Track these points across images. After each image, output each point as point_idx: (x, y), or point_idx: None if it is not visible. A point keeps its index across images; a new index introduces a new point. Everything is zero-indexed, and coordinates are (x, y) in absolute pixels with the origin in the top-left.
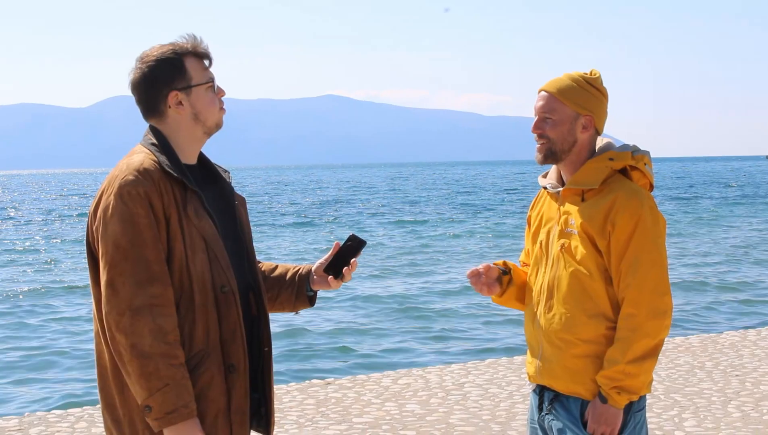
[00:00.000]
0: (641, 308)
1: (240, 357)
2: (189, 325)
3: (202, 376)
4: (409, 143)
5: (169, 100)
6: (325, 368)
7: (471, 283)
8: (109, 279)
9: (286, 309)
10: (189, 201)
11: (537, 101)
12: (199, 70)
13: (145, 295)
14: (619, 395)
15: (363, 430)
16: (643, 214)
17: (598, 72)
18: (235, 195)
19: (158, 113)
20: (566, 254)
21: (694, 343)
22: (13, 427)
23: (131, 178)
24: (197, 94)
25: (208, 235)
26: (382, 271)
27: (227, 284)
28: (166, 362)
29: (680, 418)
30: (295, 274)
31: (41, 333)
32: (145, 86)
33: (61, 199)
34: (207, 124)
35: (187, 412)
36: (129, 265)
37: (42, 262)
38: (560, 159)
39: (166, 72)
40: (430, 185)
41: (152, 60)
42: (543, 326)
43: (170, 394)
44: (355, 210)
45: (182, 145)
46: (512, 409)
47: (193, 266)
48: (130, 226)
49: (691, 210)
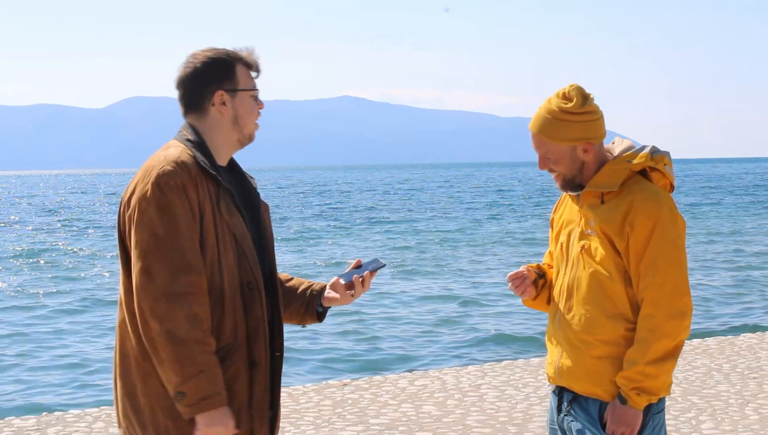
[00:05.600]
0: (660, 309)
1: (262, 354)
2: (218, 318)
3: (229, 368)
4: (427, 144)
5: (214, 98)
6: (341, 369)
7: (513, 285)
8: (145, 266)
9: (293, 320)
10: (222, 197)
11: (531, 140)
12: (246, 77)
13: (180, 283)
14: (639, 396)
15: (379, 432)
16: (662, 215)
17: (575, 93)
18: (261, 201)
19: (201, 110)
20: (586, 255)
21: (711, 345)
22: (31, 426)
23: (169, 168)
24: (241, 99)
25: (239, 232)
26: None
27: (254, 281)
28: (201, 349)
29: (697, 420)
30: (307, 289)
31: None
32: (193, 81)
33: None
34: (244, 131)
35: (220, 399)
36: (165, 252)
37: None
38: (578, 181)
39: (217, 70)
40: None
41: (206, 58)
42: (563, 327)
43: (204, 380)
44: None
45: (217, 146)
46: (529, 411)
47: (225, 260)
48: (168, 214)
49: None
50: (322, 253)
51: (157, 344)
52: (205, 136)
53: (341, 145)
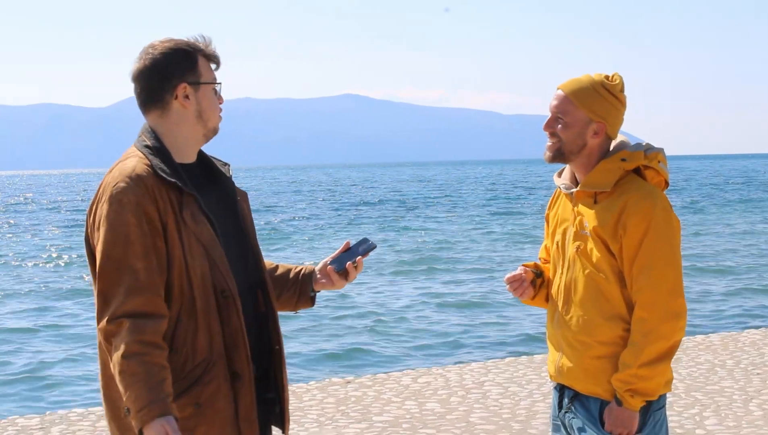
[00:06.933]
0: (654, 312)
1: (244, 364)
2: (191, 333)
3: (208, 385)
4: (430, 142)
5: (177, 91)
6: (344, 366)
7: (511, 287)
8: (101, 290)
9: (286, 308)
10: (185, 205)
11: (552, 99)
12: (207, 69)
13: (132, 304)
14: (633, 398)
15: (383, 429)
16: (655, 215)
17: (620, 77)
18: (237, 190)
19: (162, 104)
20: (582, 257)
21: (714, 342)
22: (35, 425)
23: (123, 185)
24: (204, 92)
25: (207, 240)
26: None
27: (228, 289)
28: (138, 359)
29: (701, 416)
30: (298, 274)
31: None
32: (154, 73)
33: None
34: (208, 125)
35: (160, 407)
36: (118, 275)
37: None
38: (568, 160)
39: (180, 62)
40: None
41: (166, 49)
42: (561, 327)
43: (140, 390)
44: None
45: (180, 143)
46: (532, 408)
47: (194, 271)
48: (120, 235)
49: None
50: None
51: (114, 367)
52: (166, 134)
53: (344, 144)
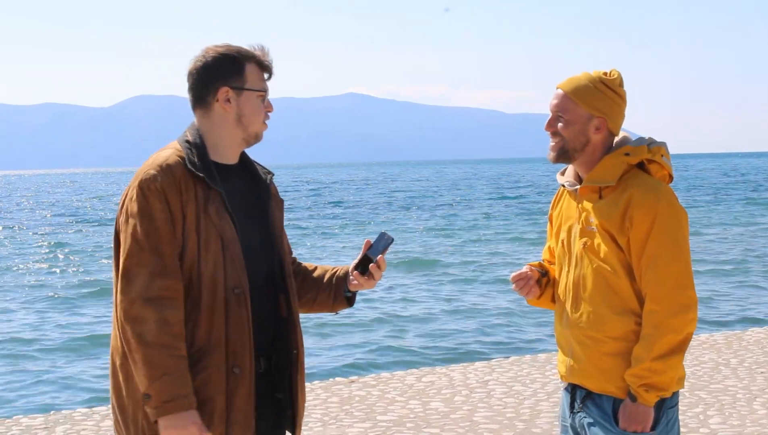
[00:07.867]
0: (663, 304)
1: (246, 360)
2: (192, 322)
3: (201, 372)
4: (433, 141)
5: (218, 94)
6: (348, 365)
7: (517, 286)
8: (125, 269)
9: (324, 310)
10: (211, 200)
11: (552, 99)
12: (256, 77)
13: (156, 287)
14: (648, 393)
15: (387, 428)
16: (660, 208)
17: (618, 73)
18: (273, 197)
19: (205, 104)
20: (589, 252)
21: (718, 340)
22: (39, 425)
23: (152, 172)
24: (247, 98)
25: (227, 235)
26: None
27: (240, 286)
28: (167, 353)
29: (705, 415)
30: (332, 276)
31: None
32: (201, 74)
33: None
34: (248, 130)
35: (186, 403)
36: (144, 256)
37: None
38: (573, 158)
39: (225, 67)
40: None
41: (216, 53)
42: (570, 325)
43: (168, 383)
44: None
45: (219, 144)
46: (536, 407)
47: (204, 266)
48: (147, 219)
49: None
50: (340, 249)
51: (131, 346)
52: (207, 133)
53: (347, 143)
